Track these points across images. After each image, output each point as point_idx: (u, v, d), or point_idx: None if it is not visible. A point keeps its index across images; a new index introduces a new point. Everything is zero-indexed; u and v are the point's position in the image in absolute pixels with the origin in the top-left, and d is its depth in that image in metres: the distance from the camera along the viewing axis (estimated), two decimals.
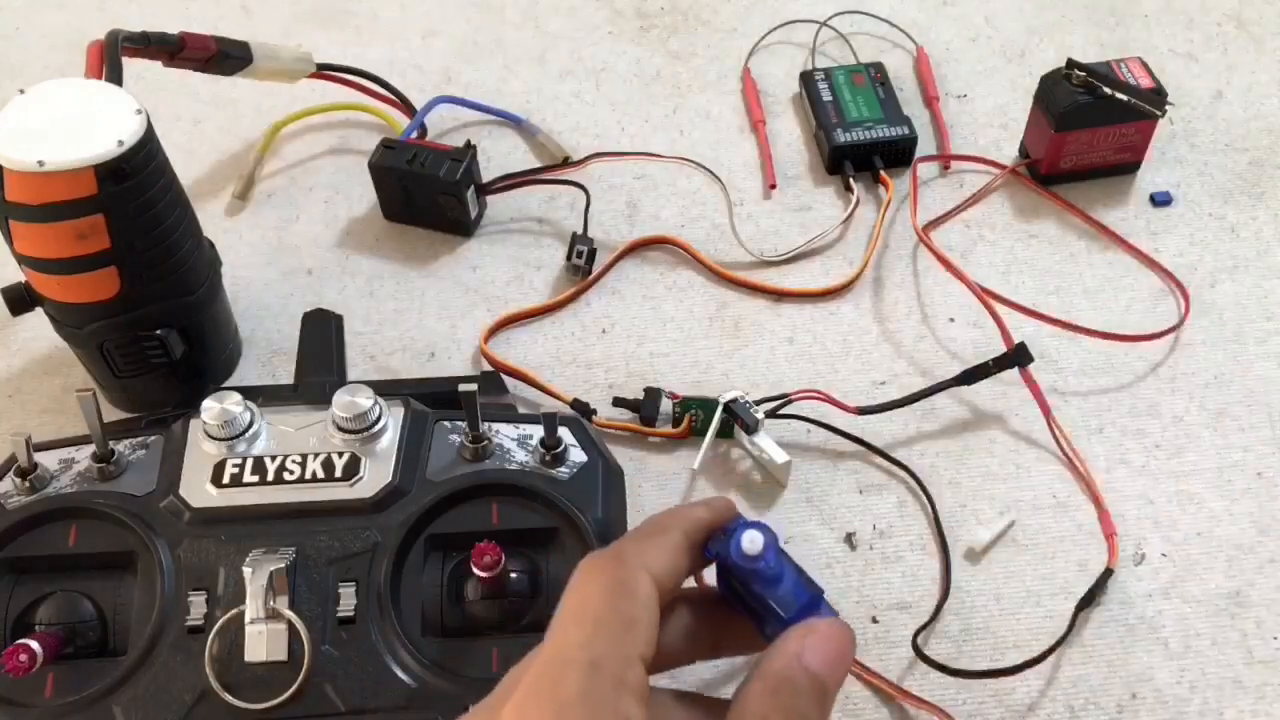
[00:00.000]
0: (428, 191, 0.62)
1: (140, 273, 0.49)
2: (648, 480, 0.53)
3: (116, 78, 0.51)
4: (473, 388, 0.45)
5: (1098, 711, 0.46)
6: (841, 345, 0.58)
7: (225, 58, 0.60)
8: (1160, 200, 0.64)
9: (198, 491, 0.45)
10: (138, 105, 0.48)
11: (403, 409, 0.48)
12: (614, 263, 0.62)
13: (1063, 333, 0.57)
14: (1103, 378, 0.57)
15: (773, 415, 0.54)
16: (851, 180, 0.65)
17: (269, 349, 0.59)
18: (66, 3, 0.79)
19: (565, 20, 0.77)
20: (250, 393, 0.47)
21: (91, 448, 0.46)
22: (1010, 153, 0.67)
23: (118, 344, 0.51)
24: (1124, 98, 0.60)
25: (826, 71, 0.70)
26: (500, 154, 0.68)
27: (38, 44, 0.77)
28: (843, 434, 0.54)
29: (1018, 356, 0.54)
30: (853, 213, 0.63)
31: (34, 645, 0.40)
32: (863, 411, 0.54)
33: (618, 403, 0.55)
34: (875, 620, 0.49)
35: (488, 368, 0.57)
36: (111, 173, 0.46)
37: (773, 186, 0.66)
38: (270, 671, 0.41)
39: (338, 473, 0.45)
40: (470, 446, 0.46)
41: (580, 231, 0.62)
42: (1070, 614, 0.48)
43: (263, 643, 0.41)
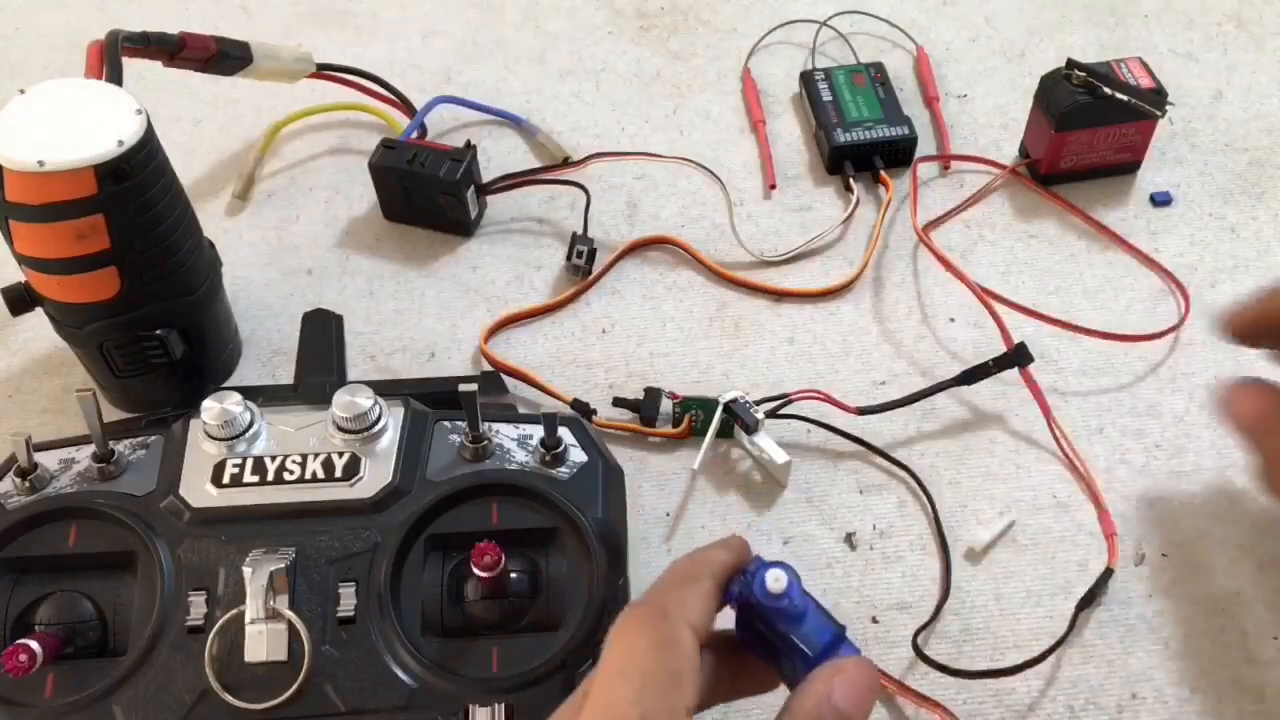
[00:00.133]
0: (428, 191, 0.62)
1: (140, 273, 0.49)
2: (648, 480, 0.53)
3: (116, 78, 0.51)
4: (473, 388, 0.45)
5: (1098, 711, 0.46)
6: (841, 345, 0.58)
7: (225, 58, 0.60)
8: (1160, 200, 0.64)
9: (198, 491, 0.45)
10: (138, 105, 0.48)
11: (403, 409, 0.48)
12: (614, 263, 0.62)
13: (1063, 333, 0.57)
14: (1103, 378, 0.57)
15: (773, 415, 0.54)
16: (851, 180, 0.65)
17: (269, 349, 0.59)
18: (66, 2, 0.79)
19: (565, 20, 0.77)
20: (250, 393, 0.47)
21: (91, 448, 0.46)
22: (1010, 153, 0.67)
23: (118, 344, 0.51)
24: (1124, 98, 0.60)
25: (826, 71, 0.70)
26: (500, 154, 0.68)
27: (38, 44, 0.77)
28: (843, 434, 0.54)
29: (1018, 356, 0.54)
30: (853, 213, 0.63)
31: (34, 645, 0.40)
32: (863, 411, 0.54)
33: (618, 403, 0.55)
34: (875, 620, 0.49)
35: (488, 368, 0.57)
36: (111, 173, 0.46)
37: (773, 186, 0.66)
38: (270, 671, 0.41)
39: (338, 473, 0.45)
40: (470, 446, 0.46)
41: (580, 231, 0.62)
42: (1070, 614, 0.48)
43: (263, 643, 0.41)
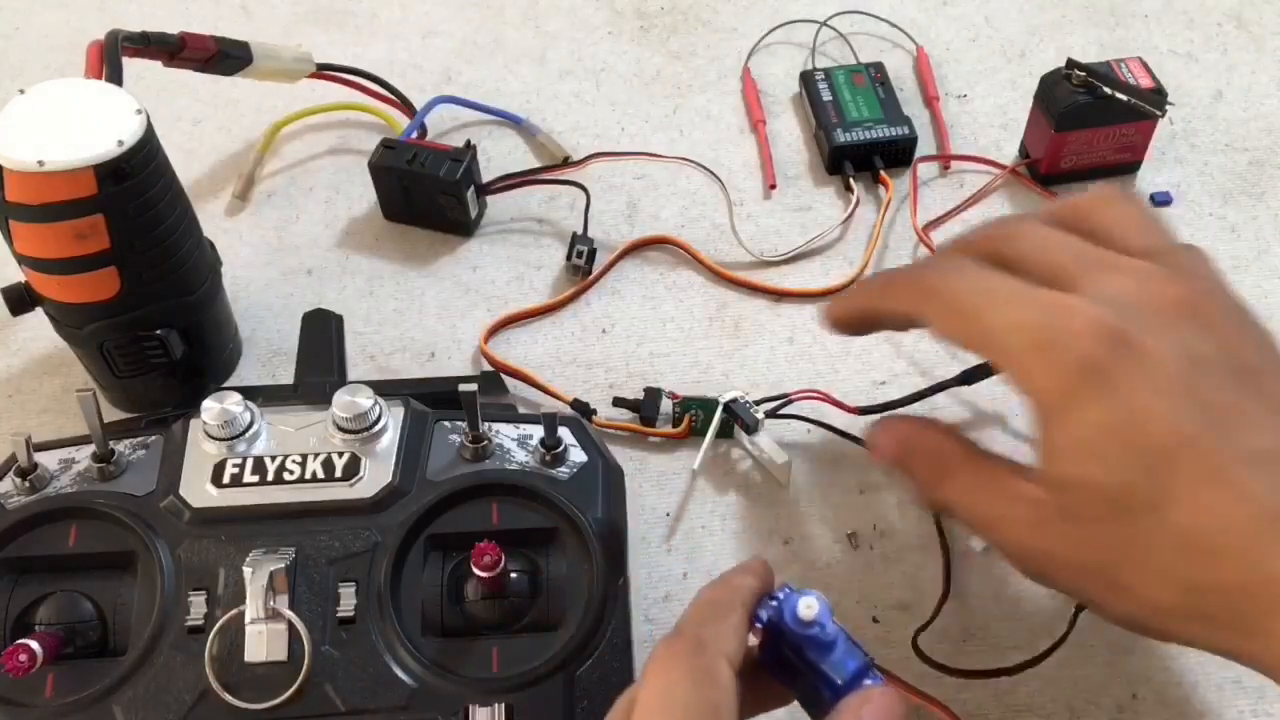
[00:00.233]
0: (428, 191, 0.62)
1: (140, 273, 0.49)
2: (648, 480, 0.53)
3: (116, 78, 0.51)
4: (473, 388, 0.45)
5: (1098, 711, 0.46)
6: (841, 345, 0.58)
7: (225, 58, 0.60)
8: (1160, 200, 0.64)
9: (198, 491, 0.45)
10: (138, 105, 0.48)
11: (403, 409, 0.48)
12: (614, 263, 0.62)
13: None
14: None
15: (773, 415, 0.54)
16: (851, 180, 0.65)
17: (269, 349, 0.59)
18: (66, 2, 0.79)
19: (565, 20, 0.77)
20: (250, 393, 0.47)
21: (91, 448, 0.46)
22: (1010, 153, 0.67)
23: (118, 344, 0.51)
24: (1124, 98, 0.60)
25: (826, 71, 0.70)
26: (500, 154, 0.68)
27: (38, 44, 0.77)
28: (843, 434, 0.54)
29: None
30: (853, 213, 0.63)
31: (34, 645, 0.40)
32: (863, 411, 0.54)
33: (618, 403, 0.55)
34: (875, 620, 0.49)
35: (488, 368, 0.57)
36: (111, 173, 0.46)
37: (773, 186, 0.66)
38: (270, 671, 0.41)
39: (338, 473, 0.45)
40: (470, 446, 0.46)
41: (580, 231, 0.62)
42: (1070, 614, 0.48)
43: (263, 643, 0.41)
